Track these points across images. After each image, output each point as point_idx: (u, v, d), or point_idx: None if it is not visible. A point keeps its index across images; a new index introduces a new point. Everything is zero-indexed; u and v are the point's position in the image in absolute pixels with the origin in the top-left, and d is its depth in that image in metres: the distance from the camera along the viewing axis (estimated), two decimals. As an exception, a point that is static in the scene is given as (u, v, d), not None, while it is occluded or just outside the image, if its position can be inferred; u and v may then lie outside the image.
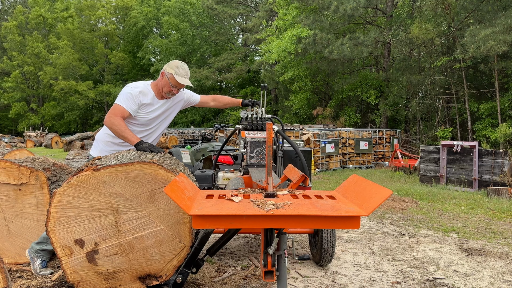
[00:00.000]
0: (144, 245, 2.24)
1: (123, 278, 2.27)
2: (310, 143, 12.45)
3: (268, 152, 1.93)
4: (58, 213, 2.20)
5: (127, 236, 2.23)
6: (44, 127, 34.62)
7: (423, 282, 3.26)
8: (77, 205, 2.20)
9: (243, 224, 1.49)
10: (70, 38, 34.50)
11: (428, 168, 9.53)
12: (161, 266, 2.27)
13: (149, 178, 2.20)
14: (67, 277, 2.23)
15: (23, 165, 3.33)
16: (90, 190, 2.20)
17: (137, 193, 2.21)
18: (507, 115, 13.88)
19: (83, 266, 2.23)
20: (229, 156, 5.34)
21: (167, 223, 2.22)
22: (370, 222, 5.44)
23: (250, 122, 3.37)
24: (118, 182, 2.20)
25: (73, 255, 2.23)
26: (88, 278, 2.24)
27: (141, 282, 2.29)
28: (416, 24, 15.03)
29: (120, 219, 2.23)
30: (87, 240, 2.23)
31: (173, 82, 3.07)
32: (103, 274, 2.25)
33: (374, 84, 19.02)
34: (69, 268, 2.22)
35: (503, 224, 5.42)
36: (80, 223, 2.21)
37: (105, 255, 2.24)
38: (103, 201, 2.20)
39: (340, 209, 1.54)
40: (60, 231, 2.20)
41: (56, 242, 2.21)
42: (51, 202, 2.20)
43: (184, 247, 2.25)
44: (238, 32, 34.66)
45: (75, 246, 2.23)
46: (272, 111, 26.52)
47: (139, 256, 2.25)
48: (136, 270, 2.27)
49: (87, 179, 2.18)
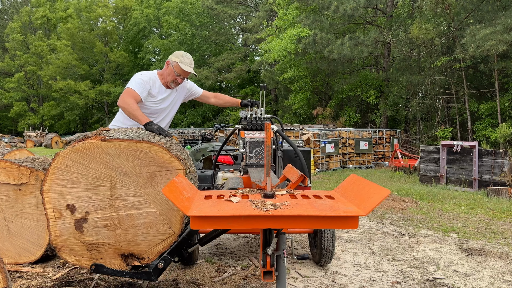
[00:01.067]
0: (134, 224, 2.22)
1: (106, 252, 2.25)
2: (310, 143, 12.46)
3: (267, 152, 1.93)
4: (56, 174, 2.19)
5: (119, 211, 2.22)
6: (44, 127, 34.64)
7: (423, 282, 3.26)
8: (77, 170, 2.19)
9: (242, 225, 1.49)
10: (69, 38, 34.52)
11: (428, 168, 9.53)
12: (145, 248, 2.25)
13: (153, 159, 2.19)
14: (51, 239, 2.21)
15: (23, 165, 3.34)
16: (92, 158, 2.18)
17: (138, 171, 2.19)
18: (507, 115, 13.87)
19: (69, 232, 2.22)
20: (229, 156, 5.34)
21: (161, 207, 2.21)
22: (370, 222, 5.44)
23: (250, 122, 3.38)
24: (122, 157, 2.18)
25: (62, 219, 2.21)
26: (72, 244, 2.23)
27: (122, 259, 2.27)
28: (416, 24, 15.03)
29: (116, 194, 2.21)
30: (79, 207, 2.21)
31: (178, 70, 3.16)
32: (87, 244, 2.23)
33: (374, 84, 19.01)
34: (55, 231, 2.21)
35: (503, 224, 5.41)
36: (75, 189, 2.20)
37: (93, 225, 2.22)
38: (103, 172, 2.19)
39: (339, 209, 1.54)
40: (55, 192, 2.19)
41: (48, 202, 2.20)
42: (51, 163, 2.18)
43: (173, 234, 2.24)
44: (238, 32, 34.67)
45: (66, 210, 2.21)
46: (272, 111, 26.52)
47: (126, 234, 2.23)
48: (121, 247, 2.25)
49: (93, 147, 2.17)
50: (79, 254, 2.24)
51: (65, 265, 3.40)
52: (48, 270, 3.26)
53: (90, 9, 35.49)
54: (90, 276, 3.14)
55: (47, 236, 3.34)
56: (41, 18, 37.03)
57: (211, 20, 30.32)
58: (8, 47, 38.02)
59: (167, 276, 3.22)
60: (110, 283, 3.02)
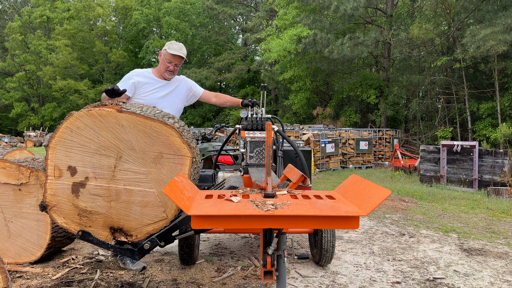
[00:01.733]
0: (130, 200, 2.21)
1: (96, 221, 2.24)
2: (310, 143, 12.46)
3: (268, 152, 1.93)
4: (65, 134, 2.18)
5: (118, 184, 2.21)
6: (44, 127, 34.64)
7: (423, 282, 3.26)
8: (87, 135, 2.18)
9: (242, 224, 1.48)
10: (69, 38, 34.50)
11: (428, 168, 9.53)
12: (136, 226, 2.24)
13: (164, 141, 2.18)
14: (44, 197, 2.20)
15: (23, 165, 3.33)
16: (105, 126, 2.17)
17: (147, 149, 2.18)
18: (507, 115, 13.88)
19: (65, 194, 2.21)
20: (229, 156, 5.34)
21: (160, 190, 2.19)
22: (370, 222, 5.44)
23: (250, 122, 3.38)
24: (134, 131, 2.17)
25: (61, 179, 2.20)
26: (64, 206, 2.22)
27: (110, 232, 2.26)
28: (416, 24, 15.04)
29: (119, 166, 2.20)
30: (80, 171, 2.20)
31: (168, 57, 3.28)
32: (80, 209, 2.22)
33: (374, 84, 19.01)
34: (51, 189, 2.20)
35: (503, 224, 5.41)
36: (81, 153, 2.19)
37: (90, 192, 2.21)
38: (112, 142, 2.18)
39: (339, 209, 1.54)
40: (60, 151, 2.18)
41: (51, 160, 2.19)
42: (63, 122, 2.18)
43: (165, 219, 2.22)
44: (238, 32, 34.66)
45: (66, 171, 2.20)
46: (272, 111, 26.52)
47: (120, 208, 2.22)
48: (112, 219, 2.24)
49: (108, 115, 2.16)
50: (69, 218, 2.23)
51: (65, 265, 3.40)
52: (48, 270, 3.26)
53: (89, 8, 35.48)
54: (90, 276, 3.14)
55: (47, 236, 3.34)
56: (40, 17, 37.01)
57: (211, 20, 30.32)
58: (8, 47, 38.03)
59: (167, 276, 3.22)
60: (110, 283, 3.02)
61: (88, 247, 3.99)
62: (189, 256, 3.38)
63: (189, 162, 2.20)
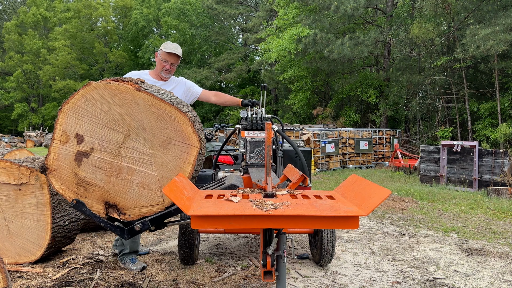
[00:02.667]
0: (130, 179, 2.21)
1: (92, 193, 2.24)
2: (310, 143, 12.45)
3: (267, 152, 1.93)
4: (80, 101, 2.17)
5: (122, 161, 2.20)
6: (44, 127, 34.64)
7: (423, 282, 3.25)
8: (101, 106, 2.17)
9: (242, 224, 1.48)
10: (68, 38, 34.49)
11: (428, 168, 9.53)
12: (131, 205, 2.24)
13: (175, 127, 2.18)
14: (46, 159, 2.20)
15: (23, 165, 3.33)
16: (120, 102, 2.17)
17: (157, 132, 2.18)
18: (507, 115, 13.87)
19: (67, 160, 2.20)
20: (229, 156, 5.34)
21: (162, 174, 2.20)
22: (370, 222, 5.44)
23: (250, 122, 3.38)
24: (148, 112, 2.17)
25: (66, 145, 2.20)
26: (64, 172, 2.22)
27: (104, 207, 2.25)
28: (416, 24, 15.03)
29: (127, 143, 2.19)
30: (87, 141, 2.20)
31: (163, 56, 3.34)
32: (79, 178, 2.22)
33: (374, 84, 19.01)
34: (55, 153, 2.20)
35: (503, 224, 5.41)
36: (92, 123, 2.19)
37: (93, 164, 2.21)
38: (125, 118, 2.18)
39: (339, 209, 1.54)
40: (71, 117, 2.18)
41: (60, 124, 2.19)
42: (80, 89, 2.18)
43: (161, 204, 2.22)
44: (238, 32, 34.66)
45: (73, 138, 2.19)
46: (272, 110, 26.52)
47: (119, 185, 2.22)
48: (108, 194, 2.24)
49: (125, 92, 2.16)
50: (67, 185, 2.23)
51: (65, 265, 3.40)
52: (48, 270, 3.26)
53: (90, 7, 35.46)
54: (90, 276, 3.14)
55: (47, 236, 3.34)
56: (33, 17, 37.00)
57: (211, 20, 30.31)
58: (5, 48, 38.06)
59: (167, 276, 3.22)
60: (110, 283, 3.02)
61: (88, 247, 3.99)
62: (189, 256, 3.38)
63: (195, 153, 2.19)
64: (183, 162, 2.21)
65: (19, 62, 36.56)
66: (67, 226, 3.57)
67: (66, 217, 3.56)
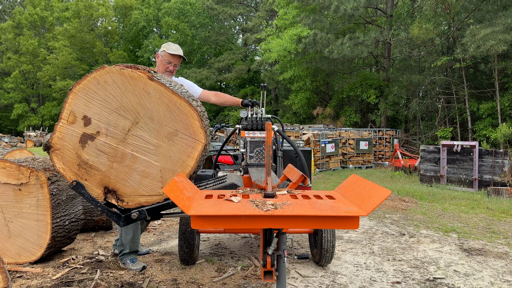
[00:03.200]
0: (133, 166, 2.21)
1: (93, 176, 2.24)
2: (310, 143, 12.45)
3: (267, 152, 1.93)
4: (91, 84, 2.18)
5: (127, 148, 2.21)
6: (43, 127, 34.64)
7: (423, 282, 3.25)
8: (112, 91, 2.18)
9: (242, 224, 1.48)
10: (67, 39, 34.49)
11: (428, 168, 9.53)
12: (130, 193, 2.24)
13: (183, 120, 2.18)
14: (51, 138, 2.20)
15: (23, 165, 3.33)
16: (132, 89, 2.17)
17: (164, 123, 2.19)
18: (507, 115, 13.87)
19: (71, 141, 2.21)
20: (229, 156, 5.34)
21: (164, 166, 2.20)
22: (370, 222, 5.44)
23: (250, 122, 3.38)
24: (158, 102, 2.17)
25: (73, 125, 2.20)
26: (67, 152, 2.22)
27: (103, 191, 2.25)
28: (416, 24, 15.03)
29: (133, 131, 2.20)
30: (94, 124, 2.20)
31: (167, 58, 3.36)
32: (81, 160, 2.22)
33: (374, 84, 19.01)
34: (60, 132, 2.20)
35: (503, 224, 5.41)
36: (101, 106, 2.19)
37: (97, 147, 2.21)
38: (134, 106, 2.18)
39: (339, 209, 1.54)
40: (81, 98, 2.18)
41: (69, 104, 2.19)
42: (93, 72, 2.18)
43: (160, 195, 2.23)
44: (238, 32, 34.66)
45: (81, 120, 2.20)
46: (272, 111, 26.52)
47: (121, 171, 2.22)
48: (109, 179, 2.24)
49: (138, 79, 2.16)
50: (68, 165, 2.23)
51: (65, 265, 3.40)
52: (48, 270, 3.26)
53: (90, 8, 35.46)
54: (90, 276, 3.14)
55: (47, 236, 3.34)
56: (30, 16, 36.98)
57: (211, 20, 30.31)
58: (3, 49, 38.07)
59: (167, 276, 3.22)
60: (110, 283, 3.02)
61: (88, 247, 3.99)
62: (189, 256, 3.38)
63: (200, 148, 2.20)
64: (187, 156, 2.21)
65: (18, 63, 36.57)
66: (67, 226, 3.57)
67: (66, 217, 3.56)
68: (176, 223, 5.14)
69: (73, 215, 3.67)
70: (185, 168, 2.24)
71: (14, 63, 36.65)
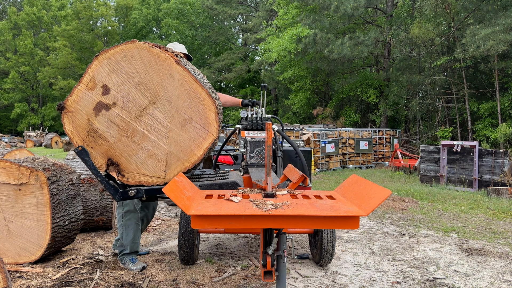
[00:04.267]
0: (141, 144, 2.22)
1: (100, 145, 2.24)
2: (310, 143, 12.45)
3: (268, 152, 1.93)
4: (117, 55, 2.18)
5: (139, 125, 2.21)
6: (43, 126, 34.63)
7: (423, 282, 3.25)
8: (136, 67, 2.18)
9: (243, 224, 1.48)
10: (67, 39, 34.49)
11: (428, 168, 9.53)
12: (132, 170, 2.24)
13: (200, 110, 2.18)
14: (67, 99, 2.22)
15: (23, 165, 3.33)
16: (156, 69, 2.18)
17: (181, 108, 2.18)
18: (507, 115, 13.87)
19: (86, 106, 2.21)
20: (229, 156, 5.34)
21: (172, 150, 2.20)
22: (370, 222, 5.44)
23: (250, 122, 3.37)
24: (179, 87, 2.18)
25: (91, 92, 2.20)
26: (79, 117, 2.22)
27: (106, 163, 2.26)
28: (416, 23, 15.03)
29: (149, 110, 2.20)
30: (112, 95, 2.20)
31: None
32: (91, 127, 2.23)
33: (374, 84, 19.02)
34: (77, 96, 2.21)
35: (503, 224, 5.41)
36: (122, 79, 2.19)
37: (109, 118, 2.21)
38: (156, 86, 2.18)
39: (339, 209, 1.54)
40: (104, 67, 2.19)
41: (92, 70, 2.20)
42: (121, 44, 2.20)
43: (161, 178, 2.24)
44: (238, 32, 34.66)
45: (100, 88, 2.20)
46: (272, 110, 26.52)
47: (128, 146, 2.22)
48: (114, 152, 2.23)
49: (164, 60, 2.17)
50: (77, 130, 2.23)
51: (65, 265, 3.40)
52: (48, 270, 3.26)
53: (90, 8, 35.46)
54: (90, 276, 3.14)
55: (47, 236, 3.34)
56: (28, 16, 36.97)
57: (211, 20, 30.30)
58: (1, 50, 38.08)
59: (167, 276, 3.22)
60: (110, 283, 3.02)
61: (88, 247, 3.99)
62: (189, 256, 3.38)
63: (211, 141, 2.20)
64: (196, 146, 2.21)
65: (17, 63, 36.57)
66: (67, 226, 3.57)
67: (66, 217, 3.56)
68: (176, 223, 5.14)
69: (73, 215, 3.67)
70: (191, 157, 2.24)
71: (13, 63, 36.66)
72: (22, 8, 40.15)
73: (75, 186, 3.80)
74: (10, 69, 37.00)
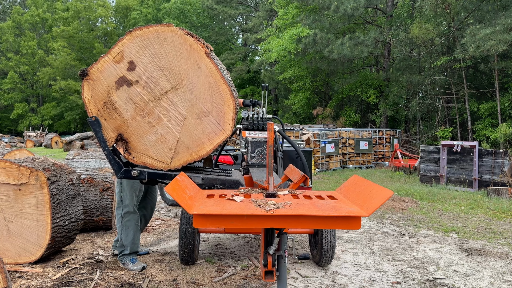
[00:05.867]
0: (154, 127, 2.24)
1: (113, 119, 2.25)
2: (310, 143, 12.45)
3: (269, 152, 1.93)
4: (152, 35, 2.20)
5: (156, 107, 2.23)
6: (43, 127, 34.61)
7: (423, 282, 3.25)
8: (166, 50, 2.20)
9: (244, 224, 1.48)
10: (67, 39, 34.48)
11: (428, 168, 9.53)
12: (140, 149, 2.25)
13: (219, 106, 2.19)
14: (91, 66, 2.24)
15: (23, 165, 3.33)
16: (186, 56, 2.19)
17: (201, 100, 2.20)
18: (507, 115, 13.88)
19: (108, 78, 2.23)
20: (229, 156, 5.34)
21: (183, 139, 2.21)
22: (370, 222, 5.43)
23: (251, 122, 3.37)
24: (203, 79, 2.19)
25: (117, 64, 2.23)
26: (100, 87, 2.24)
27: (116, 138, 2.28)
28: (416, 24, 15.03)
29: (170, 95, 2.22)
30: (136, 73, 2.22)
31: None
32: (109, 99, 2.24)
33: (374, 84, 19.02)
34: (102, 66, 2.23)
35: (503, 224, 5.41)
36: (150, 59, 2.21)
37: (129, 95, 2.23)
38: (181, 73, 2.20)
39: (341, 210, 1.54)
40: (135, 43, 2.21)
41: (123, 44, 2.22)
42: (157, 25, 2.22)
43: (167, 164, 2.25)
44: (238, 32, 34.66)
45: (126, 63, 2.23)
46: (272, 110, 26.52)
47: (141, 126, 2.24)
48: (127, 129, 2.25)
49: (195, 50, 2.19)
50: (94, 99, 2.25)
51: (65, 265, 3.40)
52: (48, 270, 3.25)
53: (90, 9, 35.45)
54: (90, 276, 3.14)
55: (47, 236, 3.34)
56: (32, 18, 36.96)
57: (211, 20, 30.29)
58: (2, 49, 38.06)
59: (167, 276, 3.22)
60: (110, 283, 3.01)
61: (88, 247, 3.99)
62: (189, 256, 3.37)
63: (223, 138, 2.23)
64: (208, 140, 2.22)
65: (18, 63, 36.56)
66: (67, 226, 3.56)
67: (66, 217, 3.56)
68: (176, 223, 5.14)
69: (73, 215, 3.67)
70: (200, 149, 2.25)
71: (14, 64, 36.65)
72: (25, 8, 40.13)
73: (75, 186, 3.80)
74: (11, 69, 36.99)
